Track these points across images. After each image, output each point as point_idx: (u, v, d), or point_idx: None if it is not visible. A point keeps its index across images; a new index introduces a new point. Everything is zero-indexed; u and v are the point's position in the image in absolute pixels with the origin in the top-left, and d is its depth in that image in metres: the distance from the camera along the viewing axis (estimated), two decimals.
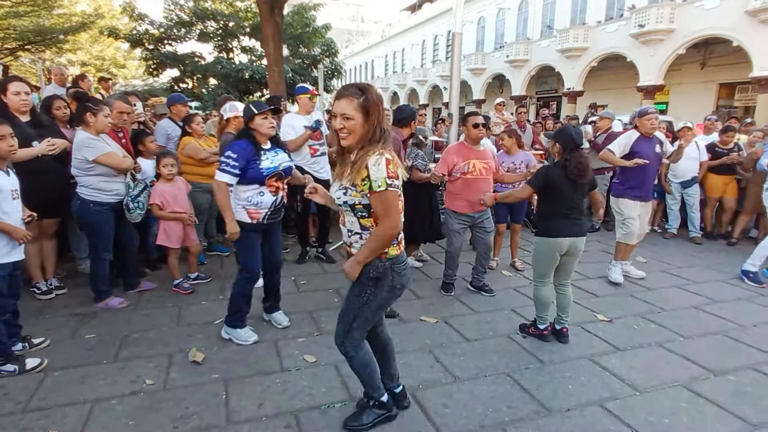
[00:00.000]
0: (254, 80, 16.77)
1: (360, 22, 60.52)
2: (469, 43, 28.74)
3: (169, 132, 4.78)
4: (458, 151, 3.89)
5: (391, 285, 2.03)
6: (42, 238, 3.68)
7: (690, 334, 3.37)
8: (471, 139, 3.88)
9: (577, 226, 3.10)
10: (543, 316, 3.22)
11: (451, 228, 3.98)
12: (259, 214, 2.97)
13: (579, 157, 3.01)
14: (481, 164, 3.82)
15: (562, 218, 3.07)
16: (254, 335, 3.12)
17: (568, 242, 3.06)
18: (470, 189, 3.79)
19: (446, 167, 3.87)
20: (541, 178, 3.09)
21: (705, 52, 18.09)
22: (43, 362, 2.74)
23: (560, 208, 3.07)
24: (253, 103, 3.00)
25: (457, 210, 3.89)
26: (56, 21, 17.48)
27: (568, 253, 3.11)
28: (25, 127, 3.44)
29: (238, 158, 2.83)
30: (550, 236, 3.08)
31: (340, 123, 1.87)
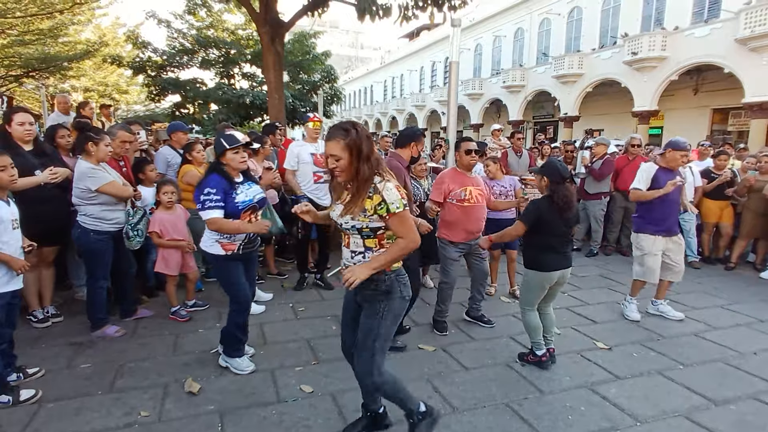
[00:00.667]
0: (255, 106, 17.00)
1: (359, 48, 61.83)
2: (466, 68, 29.33)
3: (170, 159, 4.83)
4: (453, 178, 3.76)
5: (401, 295, 2.15)
6: (41, 266, 3.69)
7: (690, 362, 3.35)
8: (464, 165, 3.78)
9: (567, 259, 3.19)
10: (538, 342, 3.23)
11: (449, 257, 3.78)
12: (233, 246, 2.96)
13: (565, 190, 3.07)
14: (476, 191, 3.74)
15: (553, 252, 3.11)
16: (252, 365, 3.10)
17: (558, 275, 3.14)
18: (468, 217, 3.69)
19: (441, 195, 3.71)
20: (533, 214, 3.12)
21: (697, 79, 18.46)
22: (37, 393, 2.71)
23: (551, 241, 3.11)
24: (225, 138, 2.96)
25: (455, 240, 3.74)
26: (61, 49, 17.79)
27: (557, 283, 3.20)
28: (27, 156, 3.50)
29: (217, 191, 2.82)
30: (542, 270, 3.12)
31: (332, 163, 2.01)
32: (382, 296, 2.11)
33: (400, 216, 2.01)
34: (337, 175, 2.03)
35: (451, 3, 7.65)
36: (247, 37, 18.07)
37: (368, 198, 1.99)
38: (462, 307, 4.29)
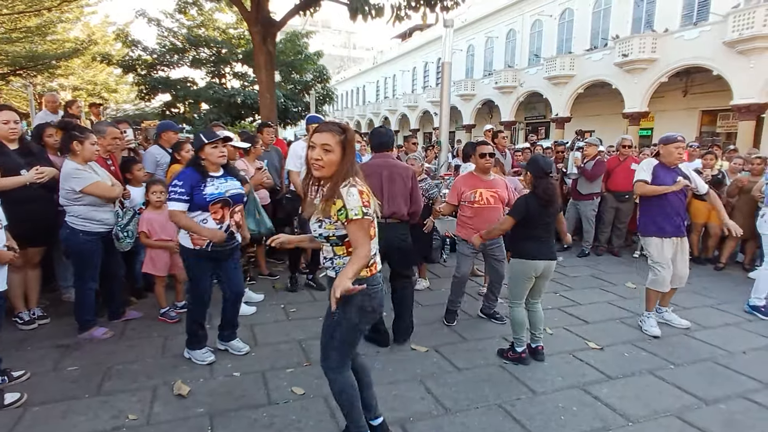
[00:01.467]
0: (246, 105, 16.89)
1: (352, 49, 61.75)
2: (458, 69, 29.40)
3: (159, 159, 4.76)
4: (466, 181, 3.96)
5: (360, 306, 2.04)
6: (26, 267, 3.62)
7: (680, 362, 3.37)
8: (480, 168, 3.94)
9: (550, 249, 3.27)
10: (519, 338, 3.30)
11: (462, 252, 3.99)
12: (202, 241, 2.96)
13: (546, 184, 3.18)
14: (488, 193, 3.85)
15: (537, 241, 3.22)
16: (211, 356, 3.17)
17: (543, 265, 3.22)
18: (479, 218, 3.83)
19: (455, 197, 3.93)
20: (522, 209, 3.22)
21: (687, 81, 18.67)
22: (22, 397, 2.65)
23: (535, 232, 3.22)
24: (204, 133, 3.04)
25: (468, 239, 3.88)
26: (49, 47, 17.55)
27: (542, 276, 3.27)
28: (13, 155, 3.43)
29: (183, 185, 2.87)
30: (526, 258, 3.23)
31: (319, 154, 1.94)
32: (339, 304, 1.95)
33: (357, 223, 1.93)
34: (317, 168, 1.96)
35: (443, 3, 7.66)
36: (239, 36, 17.97)
37: (333, 203, 1.93)
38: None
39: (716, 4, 16.08)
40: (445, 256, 6.12)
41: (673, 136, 3.91)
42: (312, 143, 1.98)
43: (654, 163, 3.96)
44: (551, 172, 3.27)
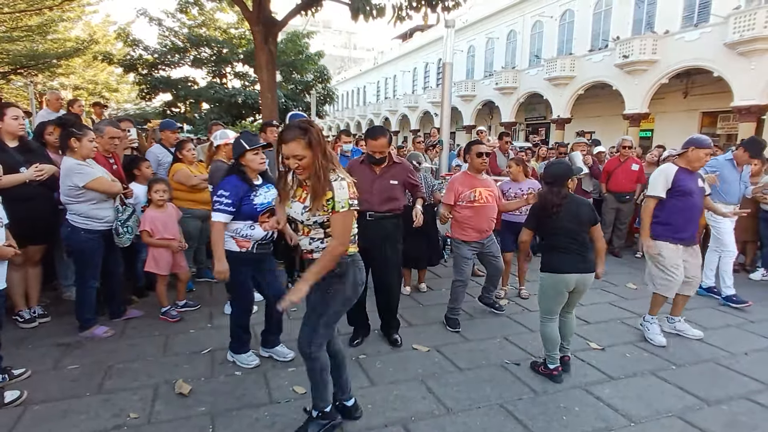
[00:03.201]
0: (247, 105, 16.92)
1: (352, 49, 61.81)
2: (459, 70, 29.41)
3: (160, 158, 4.77)
4: (463, 181, 3.89)
5: (353, 281, 2.24)
6: (27, 265, 3.61)
7: (682, 363, 3.36)
8: (474, 168, 3.90)
9: (582, 261, 2.97)
10: (552, 355, 3.06)
11: (462, 255, 3.90)
12: (248, 243, 2.97)
13: (546, 193, 3.07)
14: (486, 192, 3.85)
15: (563, 252, 2.98)
16: (256, 359, 3.15)
17: (575, 278, 2.95)
18: (478, 216, 3.82)
19: (452, 197, 3.85)
20: (531, 217, 3.16)
21: (687, 82, 18.69)
22: (22, 395, 2.65)
23: (558, 242, 3.01)
24: (244, 138, 2.99)
25: (467, 239, 3.86)
26: (50, 46, 17.55)
27: (575, 290, 3.01)
28: (12, 152, 3.43)
29: (230, 196, 2.84)
30: (554, 272, 2.99)
31: (295, 163, 2.07)
32: (336, 278, 2.19)
33: (342, 216, 2.10)
34: (300, 173, 2.12)
35: (444, 4, 7.66)
36: (240, 36, 17.99)
37: (324, 195, 2.07)
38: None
39: (717, 5, 16.10)
40: (446, 256, 6.11)
41: (707, 141, 3.67)
42: (285, 155, 2.07)
43: (674, 169, 3.68)
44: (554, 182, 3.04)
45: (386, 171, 3.41)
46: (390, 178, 3.39)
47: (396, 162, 3.48)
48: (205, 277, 4.96)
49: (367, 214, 3.35)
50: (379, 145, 3.31)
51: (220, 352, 3.31)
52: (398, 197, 3.47)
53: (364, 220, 3.35)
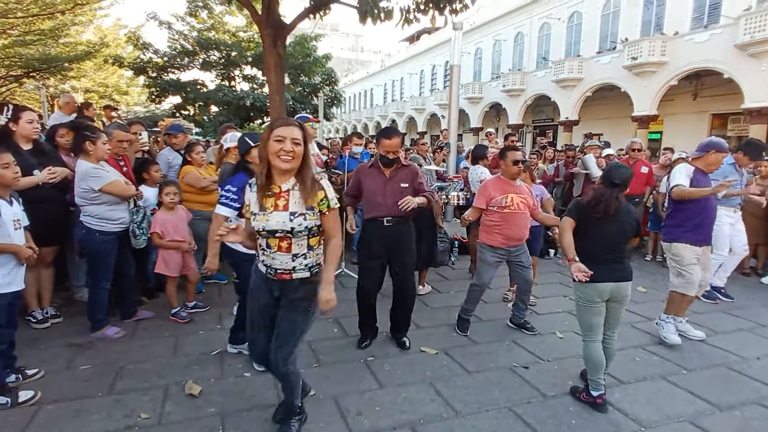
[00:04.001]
0: (255, 108, 17.03)
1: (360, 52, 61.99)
2: (466, 72, 29.38)
3: (171, 160, 4.82)
4: (496, 185, 3.77)
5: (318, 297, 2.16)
6: (40, 266, 3.66)
7: (693, 367, 3.34)
8: (508, 174, 3.78)
9: (619, 270, 2.78)
10: (596, 380, 2.76)
11: (485, 260, 3.78)
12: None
13: (602, 191, 2.78)
14: (518, 198, 3.70)
15: (600, 262, 2.75)
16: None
17: (610, 287, 2.76)
18: (508, 223, 3.68)
19: (484, 202, 3.73)
20: (573, 209, 2.88)
21: (697, 84, 18.51)
22: (36, 395, 2.68)
23: (595, 249, 2.79)
24: (248, 135, 3.04)
25: (493, 244, 3.73)
26: (62, 50, 17.77)
27: (612, 299, 2.80)
28: (26, 155, 3.48)
29: (238, 192, 2.84)
30: (590, 281, 2.73)
31: (291, 146, 1.99)
32: (315, 295, 2.12)
33: (335, 212, 2.14)
34: (287, 161, 1.99)
35: (452, 6, 7.65)
36: (248, 39, 18.12)
37: (315, 194, 2.07)
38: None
39: (727, 6, 15.94)
40: (453, 258, 6.11)
41: (726, 145, 3.75)
42: (281, 136, 1.98)
43: (691, 169, 3.72)
44: (618, 185, 2.78)
45: (396, 174, 3.40)
46: (400, 181, 3.38)
47: (404, 165, 3.48)
48: (214, 278, 4.99)
49: (385, 219, 3.35)
50: (393, 145, 3.31)
51: (229, 353, 3.33)
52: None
53: (380, 225, 3.36)
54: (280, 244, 2.07)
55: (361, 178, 3.46)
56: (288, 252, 2.08)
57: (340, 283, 5.14)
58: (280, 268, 2.11)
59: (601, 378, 2.77)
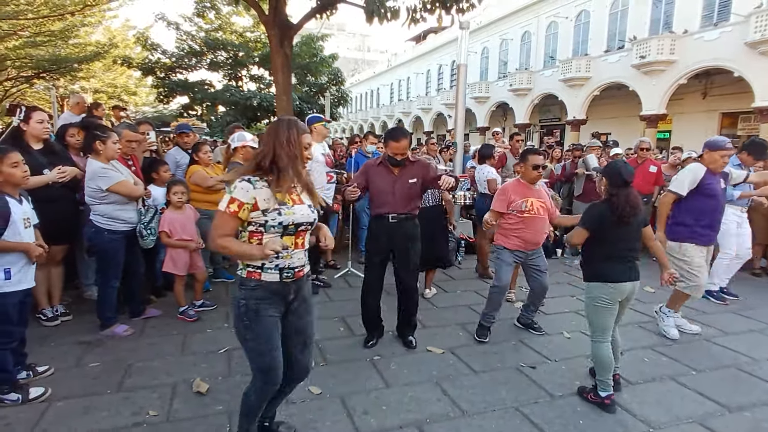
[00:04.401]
0: (262, 108, 17.08)
1: (366, 51, 62.00)
2: (473, 72, 29.29)
3: (178, 160, 4.86)
4: (515, 189, 3.70)
5: None
6: (50, 265, 3.69)
7: (702, 368, 3.30)
8: (528, 178, 3.71)
9: (635, 270, 2.82)
10: (605, 380, 2.76)
11: (503, 260, 3.71)
12: None
13: (627, 194, 2.72)
14: (538, 203, 3.66)
15: (619, 261, 2.77)
16: None
17: (629, 287, 2.77)
18: (527, 227, 3.63)
19: (504, 205, 3.67)
20: (596, 217, 2.79)
21: (706, 82, 18.34)
22: (46, 391, 2.71)
23: (616, 250, 2.77)
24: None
25: (510, 247, 3.68)
26: (71, 51, 17.96)
27: (626, 298, 2.83)
28: (36, 155, 3.52)
29: None
30: (609, 281, 2.74)
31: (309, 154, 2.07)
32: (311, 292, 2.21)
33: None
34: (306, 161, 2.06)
35: (459, 6, 7.63)
36: (255, 39, 18.18)
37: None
38: (470, 310, 4.27)
39: (738, 4, 15.79)
40: (460, 257, 6.10)
41: (721, 142, 3.69)
42: (306, 144, 2.03)
43: (703, 170, 3.68)
44: (630, 182, 2.79)
45: (404, 172, 3.40)
46: (408, 178, 3.38)
47: (412, 161, 3.47)
48: (221, 277, 5.03)
49: (390, 216, 3.36)
50: (401, 147, 3.31)
51: (236, 352, 3.34)
52: (417, 197, 3.48)
53: (386, 222, 3.37)
54: (296, 240, 2.02)
55: (369, 176, 3.45)
56: (303, 247, 2.07)
57: (346, 283, 5.16)
58: (297, 265, 2.04)
59: (610, 378, 2.76)
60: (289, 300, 2.06)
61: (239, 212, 1.90)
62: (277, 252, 1.86)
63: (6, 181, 2.61)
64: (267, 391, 2.06)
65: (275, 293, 1.99)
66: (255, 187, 1.92)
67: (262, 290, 1.97)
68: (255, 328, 1.97)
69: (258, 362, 2.03)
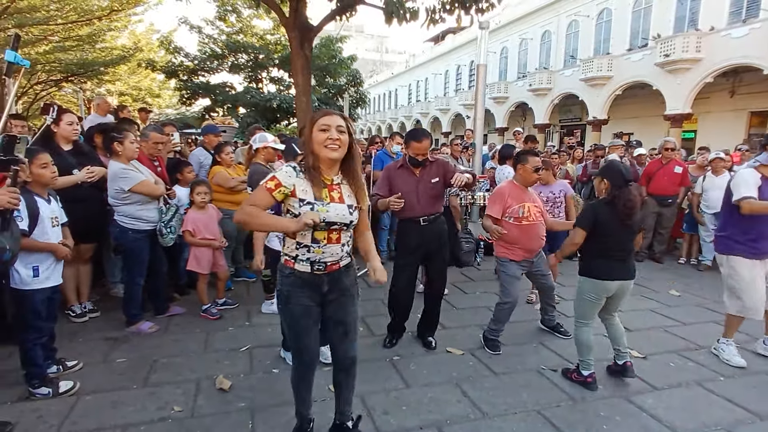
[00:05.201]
0: (282, 109, 17.29)
1: (384, 53, 62.09)
2: (492, 72, 29.04)
3: (202, 160, 4.95)
4: (511, 192, 3.51)
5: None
6: (78, 263, 3.81)
7: (731, 374, 3.21)
8: (524, 180, 3.54)
9: (626, 269, 2.92)
10: (586, 360, 2.97)
11: (511, 273, 3.51)
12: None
13: (628, 194, 2.79)
14: (534, 208, 3.51)
15: (611, 260, 2.88)
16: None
17: (617, 285, 2.90)
18: (527, 236, 3.46)
19: (500, 211, 3.48)
20: (590, 217, 2.89)
21: (734, 81, 17.80)
22: (75, 386, 2.80)
23: (609, 249, 2.87)
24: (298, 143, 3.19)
25: (516, 258, 3.51)
26: (98, 55, 18.50)
27: (615, 296, 2.96)
28: (66, 155, 3.63)
29: None
30: (598, 278, 2.89)
31: (337, 134, 1.93)
32: (356, 276, 2.21)
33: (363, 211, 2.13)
34: (334, 149, 1.93)
35: (478, 6, 7.60)
36: (276, 41, 18.42)
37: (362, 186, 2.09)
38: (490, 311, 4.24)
39: None
40: (479, 259, 6.05)
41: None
42: (326, 125, 1.93)
43: (757, 176, 3.28)
44: (631, 181, 2.86)
45: (425, 172, 3.39)
46: (430, 179, 3.38)
47: (432, 161, 3.46)
48: (242, 276, 5.10)
49: (421, 219, 3.36)
50: (423, 148, 3.30)
51: (258, 350, 3.40)
52: (440, 196, 3.48)
53: (418, 225, 3.37)
54: (329, 236, 2.00)
55: (391, 179, 3.44)
56: (338, 243, 2.04)
57: (365, 283, 5.17)
58: (330, 260, 2.04)
59: (590, 359, 2.98)
60: (323, 291, 2.08)
61: (275, 191, 1.93)
62: (313, 224, 1.84)
63: (35, 181, 2.70)
64: (301, 371, 2.22)
65: (307, 283, 2.04)
66: (297, 176, 1.96)
67: (295, 278, 2.04)
68: (286, 312, 2.11)
69: (291, 342, 2.19)
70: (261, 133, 4.58)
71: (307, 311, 2.07)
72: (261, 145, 4.17)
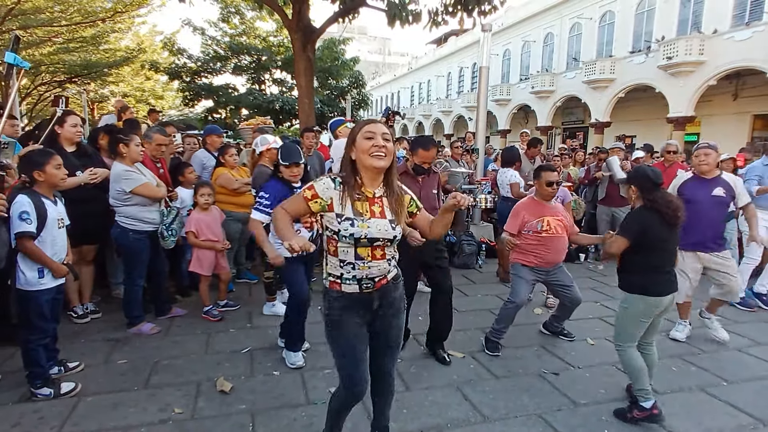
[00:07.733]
0: (284, 111, 17.33)
1: (387, 55, 62.16)
2: (494, 74, 29.04)
3: (205, 162, 4.95)
4: (528, 207, 3.56)
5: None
6: (81, 264, 3.81)
7: (734, 379, 3.19)
8: (542, 195, 3.58)
9: (674, 280, 2.72)
10: (644, 389, 2.60)
11: (522, 276, 3.53)
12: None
13: (667, 196, 2.64)
14: (555, 221, 3.49)
15: (661, 273, 2.65)
16: (300, 360, 3.22)
17: (668, 300, 2.67)
18: (546, 247, 3.47)
19: (516, 227, 3.53)
20: (637, 225, 2.64)
21: (737, 84, 17.76)
22: (77, 387, 2.80)
23: (658, 260, 2.64)
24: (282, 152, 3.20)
25: (528, 264, 3.52)
26: (102, 56, 18.60)
27: (664, 311, 2.72)
28: (70, 157, 3.63)
29: (270, 197, 2.99)
30: (651, 294, 2.62)
31: (383, 141, 1.82)
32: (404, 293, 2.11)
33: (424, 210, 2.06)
34: (381, 157, 1.81)
35: (481, 8, 7.61)
36: (278, 43, 18.47)
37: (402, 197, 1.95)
38: (491, 314, 4.23)
39: None
40: (481, 261, 6.05)
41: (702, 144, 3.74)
42: (371, 132, 1.82)
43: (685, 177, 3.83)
44: (661, 183, 2.69)
45: (426, 181, 3.40)
46: (431, 188, 3.40)
47: (434, 171, 3.48)
48: (244, 278, 5.10)
49: None
50: (430, 156, 3.30)
51: (259, 352, 3.40)
52: (437, 207, 3.47)
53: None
54: (373, 253, 1.87)
55: None
56: (383, 258, 1.91)
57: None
58: (378, 275, 1.93)
59: (649, 385, 2.62)
60: (374, 308, 1.97)
61: (310, 200, 1.85)
62: (294, 252, 1.70)
63: (46, 181, 2.71)
64: (347, 400, 2.04)
65: (357, 302, 1.93)
66: (335, 188, 1.86)
67: (345, 300, 1.92)
68: (337, 339, 1.95)
69: (341, 371, 2.00)
70: (262, 136, 4.58)
71: (359, 335, 1.96)
72: (264, 148, 4.17)
